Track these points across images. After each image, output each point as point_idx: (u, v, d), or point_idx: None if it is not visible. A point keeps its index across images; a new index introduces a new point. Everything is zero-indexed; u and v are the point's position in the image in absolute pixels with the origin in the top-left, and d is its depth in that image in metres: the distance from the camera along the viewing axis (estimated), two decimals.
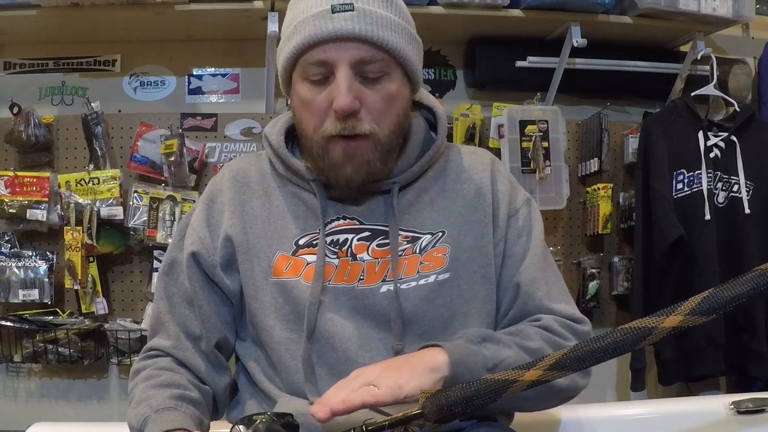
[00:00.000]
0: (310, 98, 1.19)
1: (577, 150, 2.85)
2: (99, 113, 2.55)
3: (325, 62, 1.16)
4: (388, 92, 1.19)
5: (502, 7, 2.51)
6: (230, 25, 2.55)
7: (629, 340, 0.96)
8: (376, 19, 1.15)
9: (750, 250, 2.56)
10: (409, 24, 1.23)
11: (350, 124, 1.17)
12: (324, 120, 1.18)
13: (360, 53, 1.15)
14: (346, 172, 1.20)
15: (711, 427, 1.64)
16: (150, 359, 1.31)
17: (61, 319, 2.49)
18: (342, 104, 1.14)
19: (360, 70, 1.17)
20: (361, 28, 1.14)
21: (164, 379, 1.24)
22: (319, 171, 1.25)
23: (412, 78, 1.25)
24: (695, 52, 2.68)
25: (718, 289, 0.95)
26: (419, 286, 1.24)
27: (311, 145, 1.23)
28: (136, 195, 2.52)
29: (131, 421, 1.18)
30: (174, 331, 1.30)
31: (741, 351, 2.55)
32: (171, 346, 1.30)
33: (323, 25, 1.14)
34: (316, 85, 1.19)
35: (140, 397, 1.21)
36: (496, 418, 1.30)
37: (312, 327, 1.22)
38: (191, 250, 1.30)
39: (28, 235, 2.55)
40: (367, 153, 1.20)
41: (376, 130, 1.19)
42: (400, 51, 1.18)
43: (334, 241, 1.26)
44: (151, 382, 1.24)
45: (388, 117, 1.20)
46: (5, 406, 2.60)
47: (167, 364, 1.28)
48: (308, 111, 1.21)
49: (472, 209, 1.31)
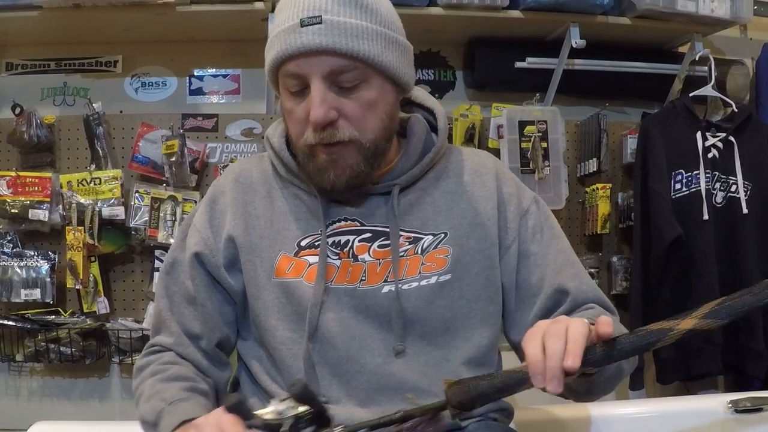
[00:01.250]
0: (291, 108, 1.22)
1: (576, 150, 2.86)
2: (100, 114, 2.55)
3: (299, 75, 1.18)
4: (367, 99, 1.20)
5: (501, 8, 2.51)
6: (231, 26, 2.55)
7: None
8: (346, 29, 1.15)
9: (748, 250, 2.57)
10: (388, 27, 1.22)
11: (328, 134, 1.18)
12: (305, 129, 1.20)
13: (331, 65, 1.16)
14: (329, 177, 1.22)
15: (709, 425, 1.65)
16: (153, 355, 1.32)
17: (63, 319, 2.49)
18: (315, 116, 1.16)
19: (334, 80, 1.17)
20: (329, 41, 1.14)
21: (172, 373, 1.25)
22: (306, 176, 1.27)
23: (396, 80, 1.24)
24: (693, 53, 2.68)
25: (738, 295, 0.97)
26: (421, 286, 1.25)
27: (297, 151, 1.25)
28: (138, 195, 2.52)
29: (145, 415, 1.19)
30: (175, 328, 1.32)
31: (739, 350, 2.56)
32: (173, 343, 1.31)
33: (292, 40, 1.16)
34: (295, 96, 1.21)
35: (150, 392, 1.22)
36: (496, 417, 1.31)
37: (314, 327, 1.23)
38: (194, 250, 1.31)
39: (30, 235, 2.55)
40: (350, 158, 1.21)
41: (357, 136, 1.20)
42: (375, 58, 1.18)
43: (336, 242, 1.27)
44: (159, 377, 1.25)
45: (370, 123, 1.21)
46: (7, 405, 2.61)
47: (172, 359, 1.30)
48: (291, 120, 1.24)
49: (475, 211, 1.31)
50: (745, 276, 2.54)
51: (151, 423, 1.17)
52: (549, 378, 0.93)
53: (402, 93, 1.30)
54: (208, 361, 1.32)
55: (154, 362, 1.30)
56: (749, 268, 2.56)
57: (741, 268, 2.56)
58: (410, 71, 1.29)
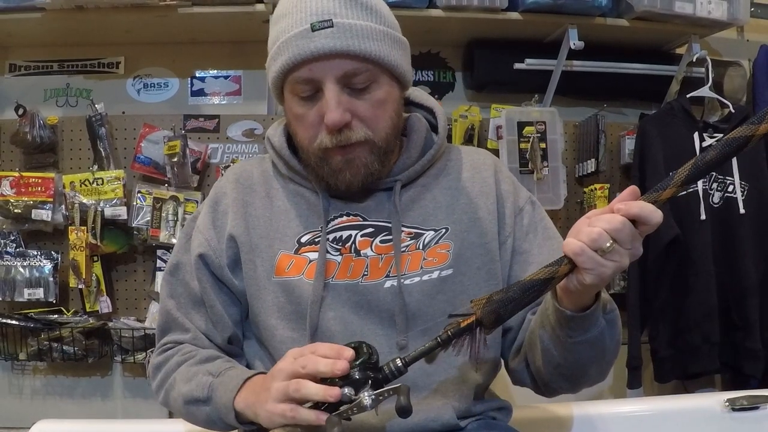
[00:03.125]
0: (303, 113, 1.22)
1: (575, 151, 2.86)
2: (103, 115, 2.57)
3: (311, 80, 1.19)
4: (378, 99, 1.21)
5: (500, 10, 2.52)
6: (232, 28, 2.56)
7: None
8: (357, 31, 1.17)
9: (745, 249, 2.58)
10: (391, 27, 1.24)
11: (344, 136, 1.19)
12: (318, 133, 1.21)
13: (344, 68, 1.17)
14: (346, 177, 1.23)
15: (706, 423, 1.66)
16: (170, 350, 1.33)
17: (66, 318, 2.50)
18: (332, 120, 1.17)
19: (347, 82, 1.19)
20: (342, 44, 1.16)
21: (203, 356, 1.27)
22: (318, 178, 1.27)
23: (401, 78, 1.26)
24: (691, 55, 2.69)
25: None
26: (423, 281, 1.26)
27: (308, 156, 1.26)
28: (140, 195, 2.54)
29: (191, 393, 1.21)
30: (189, 325, 1.33)
31: (735, 349, 2.57)
32: (189, 338, 1.32)
33: (305, 45, 1.16)
34: (306, 101, 1.21)
35: (188, 375, 1.24)
36: (495, 416, 1.33)
37: (314, 326, 1.23)
38: (199, 251, 1.31)
39: (33, 235, 2.57)
40: (365, 157, 1.22)
41: (370, 136, 1.21)
42: (384, 58, 1.20)
43: (337, 237, 1.28)
44: (191, 362, 1.27)
45: (382, 121, 1.23)
46: (11, 404, 2.62)
47: (192, 348, 1.31)
48: (302, 125, 1.24)
49: (475, 207, 1.33)
50: (741, 275, 2.56)
51: (202, 399, 1.19)
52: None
53: (404, 89, 1.32)
54: (226, 353, 1.33)
55: (174, 355, 1.31)
56: (746, 267, 2.57)
57: (738, 267, 2.57)
58: (410, 68, 1.31)
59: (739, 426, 1.65)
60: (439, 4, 2.48)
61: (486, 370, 1.33)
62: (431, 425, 1.22)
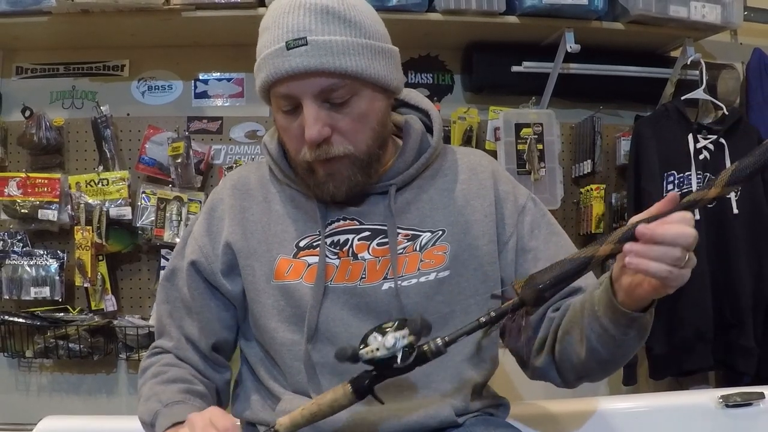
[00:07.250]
0: (287, 126, 1.23)
1: (571, 152, 2.89)
2: (108, 116, 2.60)
3: (290, 96, 1.19)
4: (359, 112, 1.20)
5: (498, 13, 2.53)
6: (235, 32, 2.56)
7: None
8: (331, 48, 1.15)
9: (738, 249, 2.59)
10: (372, 37, 1.21)
11: (324, 150, 1.20)
12: (301, 146, 1.22)
13: (321, 85, 1.16)
14: (329, 189, 1.24)
15: (701, 420, 1.68)
16: (155, 356, 1.37)
17: (72, 316, 2.52)
18: (310, 136, 1.17)
19: (326, 98, 1.18)
20: (316, 62, 1.14)
21: (171, 375, 1.29)
22: (307, 188, 1.29)
23: (386, 87, 1.25)
24: (685, 58, 2.70)
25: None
26: (420, 283, 1.26)
27: (296, 166, 1.28)
28: (144, 196, 2.57)
29: (142, 416, 1.24)
30: (175, 333, 1.35)
31: (729, 347, 2.58)
32: (173, 347, 1.35)
33: (280, 64, 1.16)
34: (288, 114, 1.22)
35: (149, 393, 1.26)
36: (492, 412, 1.34)
37: (313, 328, 1.24)
38: (191, 258, 1.33)
39: (40, 235, 2.59)
40: (346, 170, 1.23)
41: (351, 150, 1.21)
42: (363, 72, 1.18)
43: (335, 241, 1.28)
44: (158, 379, 1.28)
45: (363, 134, 1.22)
46: (17, 400, 2.64)
47: (171, 360, 1.34)
48: (287, 137, 1.26)
49: (472, 208, 1.32)
50: (735, 274, 2.58)
51: (148, 423, 1.22)
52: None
53: (392, 96, 1.31)
54: (206, 364, 1.36)
55: (155, 364, 1.34)
56: (740, 267, 2.58)
57: (732, 267, 2.59)
58: (399, 75, 1.29)
59: (733, 422, 1.66)
60: (438, 7, 2.48)
61: (484, 368, 1.34)
62: (430, 422, 1.23)
